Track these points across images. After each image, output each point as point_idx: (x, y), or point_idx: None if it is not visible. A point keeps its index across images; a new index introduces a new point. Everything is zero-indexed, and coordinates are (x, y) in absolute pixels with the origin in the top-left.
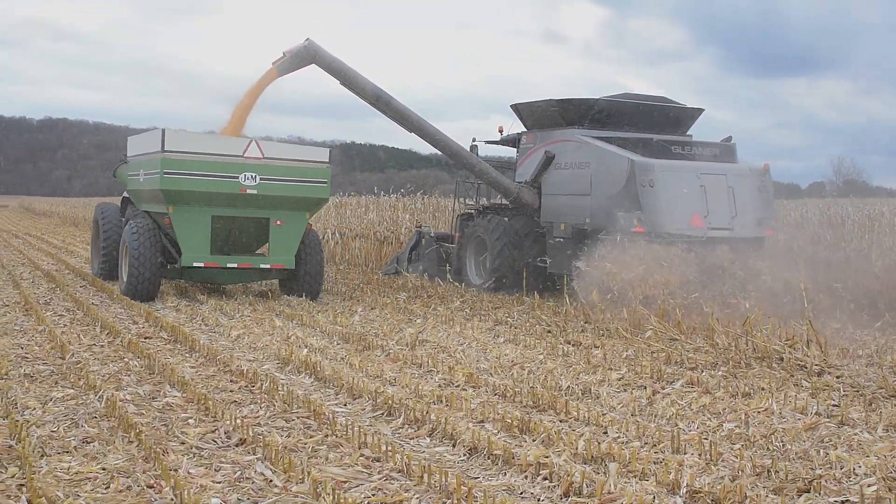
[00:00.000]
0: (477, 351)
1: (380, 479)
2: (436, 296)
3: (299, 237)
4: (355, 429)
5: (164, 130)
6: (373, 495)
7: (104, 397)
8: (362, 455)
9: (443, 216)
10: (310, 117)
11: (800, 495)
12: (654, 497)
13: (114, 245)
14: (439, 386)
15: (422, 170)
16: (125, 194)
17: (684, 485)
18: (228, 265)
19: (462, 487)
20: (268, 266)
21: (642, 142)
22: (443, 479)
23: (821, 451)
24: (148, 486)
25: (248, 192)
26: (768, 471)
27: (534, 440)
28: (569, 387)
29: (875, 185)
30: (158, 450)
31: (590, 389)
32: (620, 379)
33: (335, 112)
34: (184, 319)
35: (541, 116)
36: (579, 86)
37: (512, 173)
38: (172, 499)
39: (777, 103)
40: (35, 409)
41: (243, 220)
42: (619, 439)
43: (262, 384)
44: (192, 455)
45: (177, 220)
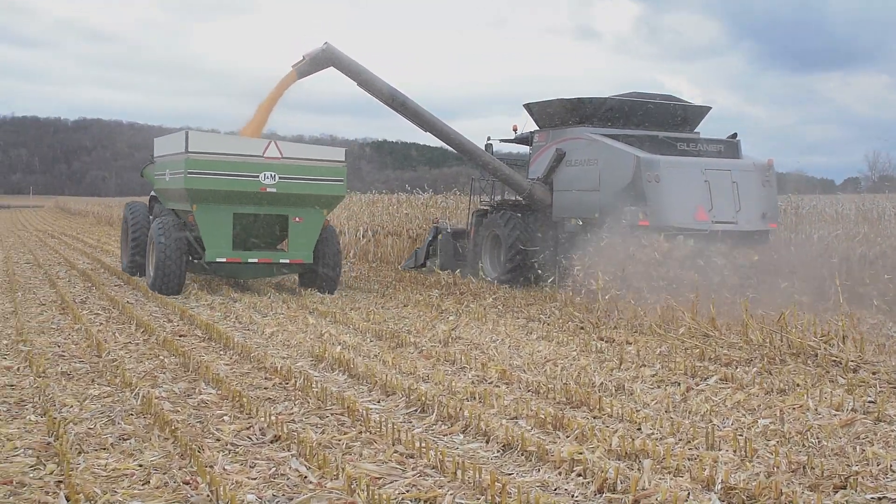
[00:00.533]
0: (510, 347)
1: (414, 476)
2: (468, 293)
3: (317, 233)
4: (389, 425)
5: (187, 132)
6: (407, 491)
7: (140, 395)
8: (396, 451)
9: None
10: (342, 115)
11: (836, 492)
12: (688, 493)
13: (142, 242)
14: (472, 382)
15: (453, 167)
16: (152, 193)
17: (719, 481)
18: (249, 260)
19: (496, 483)
20: (287, 261)
21: (649, 139)
22: (476, 476)
23: (857, 447)
24: (184, 483)
25: (268, 190)
26: (804, 467)
27: (567, 436)
28: (602, 383)
29: None
30: (194, 447)
31: (623, 386)
32: (654, 375)
33: (367, 110)
34: (218, 317)
35: (552, 115)
36: (613, 82)
37: (525, 170)
38: (208, 495)
39: (812, 98)
40: (72, 406)
41: (263, 217)
42: (653, 436)
43: (296, 381)
44: (227, 452)
45: (200, 217)
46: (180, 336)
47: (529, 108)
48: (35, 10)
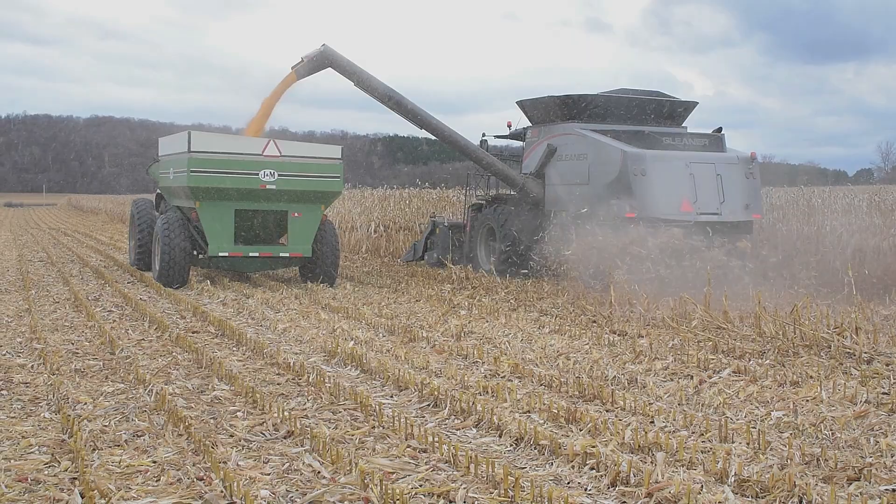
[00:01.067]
0: (522, 341)
1: (427, 470)
2: (480, 287)
3: (315, 228)
4: (402, 420)
5: (190, 133)
6: (420, 486)
7: (154, 391)
8: (409, 446)
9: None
10: (353, 111)
11: (850, 484)
12: (702, 486)
13: (148, 237)
14: (485, 377)
15: (465, 162)
16: (158, 191)
17: (732, 474)
18: (251, 254)
19: (509, 477)
20: (287, 254)
21: (635, 134)
22: (490, 470)
23: (871, 439)
24: (198, 479)
25: (268, 187)
26: (817, 459)
27: (580, 430)
28: (615, 376)
29: None
30: (208, 443)
31: (636, 379)
32: (666, 368)
33: (378, 106)
34: (231, 314)
35: (544, 112)
36: (624, 75)
37: (519, 165)
38: (222, 491)
39: (825, 89)
40: (86, 403)
41: (263, 213)
42: (666, 428)
43: (308, 377)
44: (240, 447)
45: (203, 213)
46: (193, 332)
47: (522, 105)
48: (47, 8)
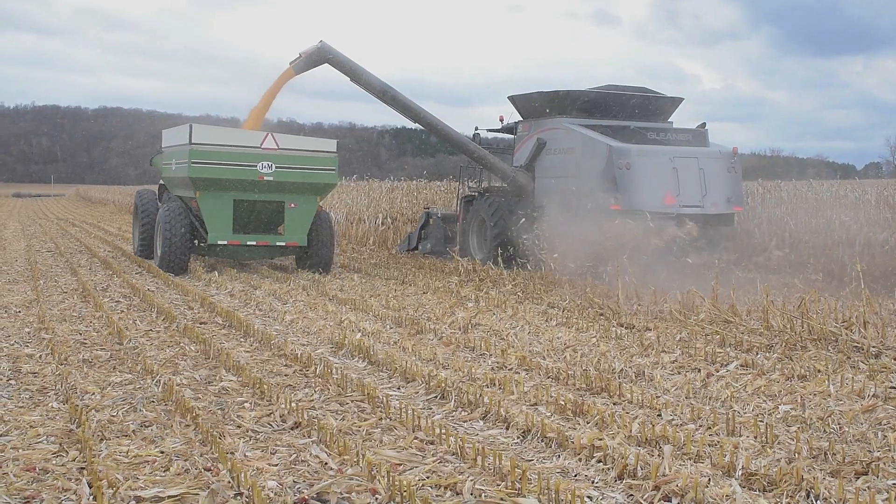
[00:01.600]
0: (529, 334)
1: (434, 462)
2: (487, 279)
3: (311, 218)
4: (409, 412)
5: (191, 125)
6: (427, 477)
7: (161, 382)
8: (416, 438)
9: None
10: (361, 102)
11: (857, 478)
12: (709, 479)
13: (150, 226)
14: (492, 369)
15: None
16: (161, 182)
17: (740, 467)
18: (248, 243)
19: (516, 470)
20: (283, 243)
21: (621, 129)
22: (497, 462)
23: (878, 433)
24: (205, 469)
25: (265, 178)
26: (825, 453)
27: (587, 423)
28: (622, 369)
29: None
30: (215, 433)
31: (643, 372)
32: (674, 361)
33: None
34: (238, 305)
35: (534, 107)
36: (631, 68)
37: (510, 157)
38: (229, 481)
39: (833, 83)
40: (94, 393)
41: (261, 203)
42: (673, 422)
43: (316, 368)
44: (248, 438)
45: (203, 203)
46: (201, 323)
47: (513, 99)
48: None
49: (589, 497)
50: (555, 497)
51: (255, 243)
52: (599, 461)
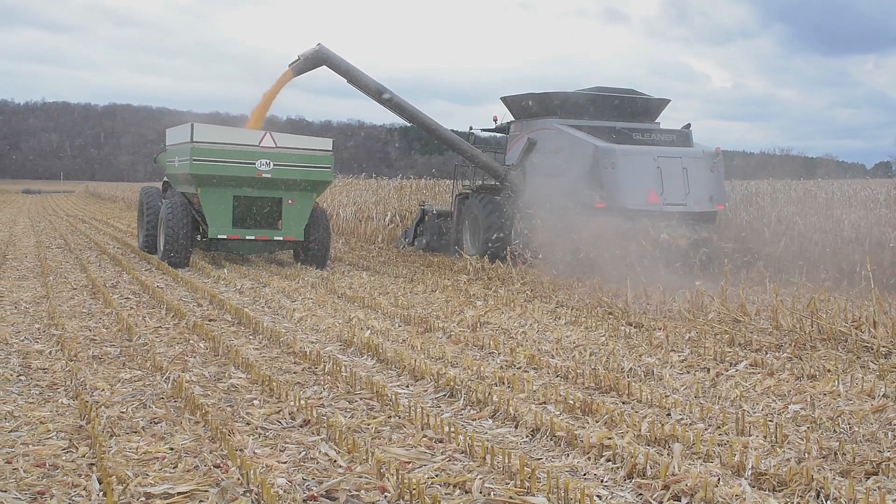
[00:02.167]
0: (538, 333)
1: (443, 460)
2: (496, 278)
3: (308, 214)
4: (418, 410)
5: (193, 124)
6: (436, 476)
7: (170, 379)
8: (425, 436)
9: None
10: (370, 100)
11: (867, 478)
12: (718, 479)
13: (155, 222)
14: (501, 367)
15: None
16: (165, 178)
17: (749, 467)
18: (247, 237)
19: (525, 468)
20: (281, 238)
21: (608, 129)
22: (506, 461)
23: (888, 433)
24: (214, 466)
25: (264, 175)
26: (835, 453)
27: (596, 422)
28: (631, 368)
29: None
30: (224, 430)
31: (652, 371)
32: (683, 361)
33: None
34: (247, 302)
35: (525, 108)
36: (641, 66)
37: (503, 156)
38: (238, 478)
39: (843, 81)
40: (104, 390)
41: (260, 199)
42: (682, 421)
43: (325, 366)
44: (257, 436)
45: (204, 199)
46: (210, 320)
47: (506, 100)
48: None
49: (598, 496)
50: (564, 496)
51: (254, 238)
52: (609, 460)
